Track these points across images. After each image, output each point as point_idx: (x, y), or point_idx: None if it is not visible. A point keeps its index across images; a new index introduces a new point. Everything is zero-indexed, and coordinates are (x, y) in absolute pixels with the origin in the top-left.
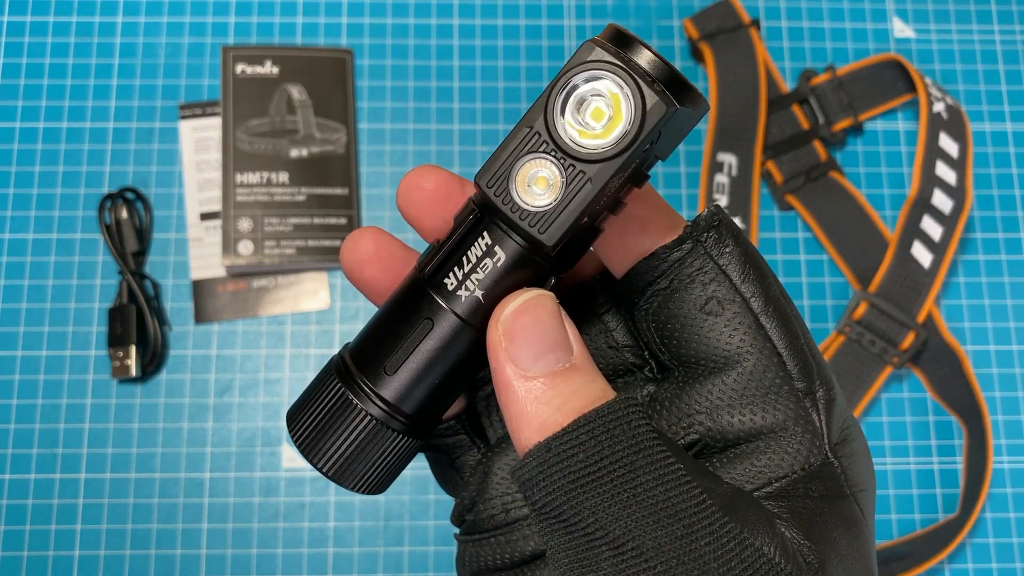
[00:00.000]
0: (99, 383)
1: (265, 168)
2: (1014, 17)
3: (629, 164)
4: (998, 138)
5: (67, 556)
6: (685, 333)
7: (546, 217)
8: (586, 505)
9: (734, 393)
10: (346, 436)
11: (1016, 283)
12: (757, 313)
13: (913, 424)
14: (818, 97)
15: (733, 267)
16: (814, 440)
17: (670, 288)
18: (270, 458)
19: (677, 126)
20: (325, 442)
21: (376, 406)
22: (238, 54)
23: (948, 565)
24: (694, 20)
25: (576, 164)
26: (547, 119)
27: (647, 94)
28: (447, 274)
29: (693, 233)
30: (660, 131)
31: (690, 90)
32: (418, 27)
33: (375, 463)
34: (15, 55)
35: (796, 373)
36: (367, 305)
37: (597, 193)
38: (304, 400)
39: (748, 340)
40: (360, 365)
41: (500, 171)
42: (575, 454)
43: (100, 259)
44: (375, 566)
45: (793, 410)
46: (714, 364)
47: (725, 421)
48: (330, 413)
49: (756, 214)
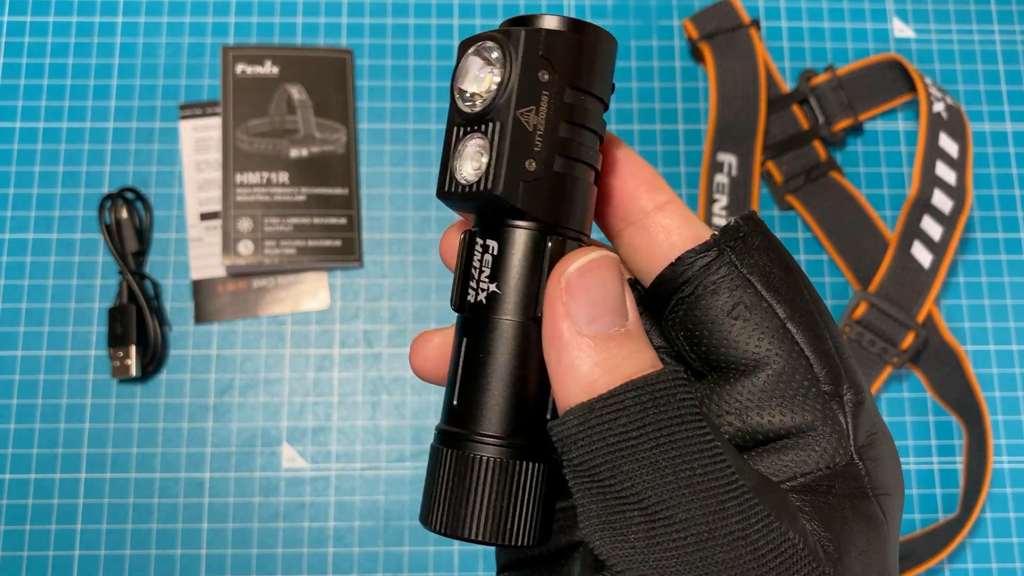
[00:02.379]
0: (99, 383)
1: (265, 168)
2: (1014, 17)
3: (531, 95)
4: (998, 138)
5: (67, 556)
6: (713, 338)
7: (487, 173)
8: (624, 469)
9: (763, 394)
10: (480, 492)
11: (1016, 283)
12: (783, 319)
13: (913, 424)
14: (818, 97)
15: (757, 274)
16: (840, 441)
17: (695, 295)
18: (270, 458)
19: (568, 51)
20: (463, 509)
21: (488, 445)
22: (238, 54)
23: (948, 565)
24: (694, 20)
25: (485, 120)
26: (454, 105)
27: (511, 32)
28: (467, 292)
29: (720, 240)
30: (546, 58)
31: (574, 21)
32: (418, 27)
33: (520, 503)
34: (15, 55)
35: (823, 376)
36: (367, 305)
37: (513, 129)
38: (427, 491)
39: (776, 344)
40: (454, 423)
41: (447, 173)
42: (618, 418)
43: (100, 259)
44: (375, 566)
45: (820, 411)
46: (743, 367)
47: (754, 421)
48: (455, 480)
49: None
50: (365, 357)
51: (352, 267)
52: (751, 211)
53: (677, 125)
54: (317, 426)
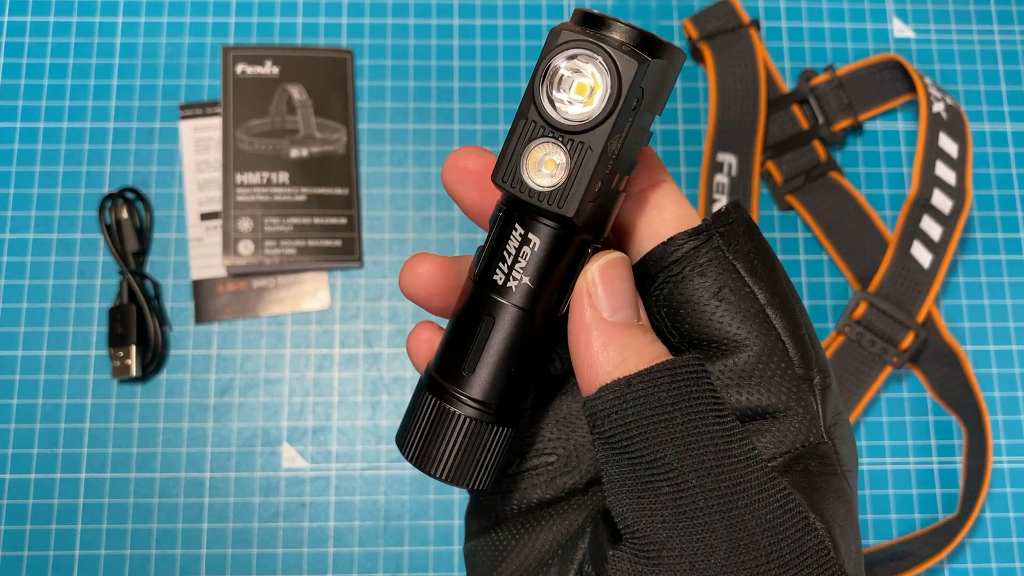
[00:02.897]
0: (99, 383)
1: (265, 168)
2: (1014, 17)
3: (622, 124)
4: (998, 138)
5: (67, 556)
6: (696, 317)
7: (562, 192)
8: (656, 441)
9: (742, 374)
10: (451, 441)
11: (1015, 283)
12: (763, 304)
13: (913, 424)
14: (818, 97)
15: (742, 261)
16: (812, 421)
17: (682, 275)
18: (270, 458)
19: (657, 80)
20: (435, 452)
21: (468, 406)
22: (238, 54)
23: (948, 565)
24: (694, 20)
25: (574, 137)
26: (537, 106)
27: (616, 56)
28: (495, 272)
29: (710, 226)
30: (641, 87)
31: (660, 44)
32: (418, 27)
33: (482, 458)
34: (15, 55)
35: (797, 360)
36: (367, 305)
37: (600, 158)
38: (406, 421)
39: (755, 327)
40: (444, 375)
41: (510, 165)
42: (653, 393)
43: (100, 259)
44: (375, 566)
45: (795, 393)
46: (723, 347)
47: (733, 399)
48: (431, 425)
49: (756, 214)
50: (365, 357)
51: (352, 267)
52: (736, 200)
53: (677, 125)
54: (317, 426)
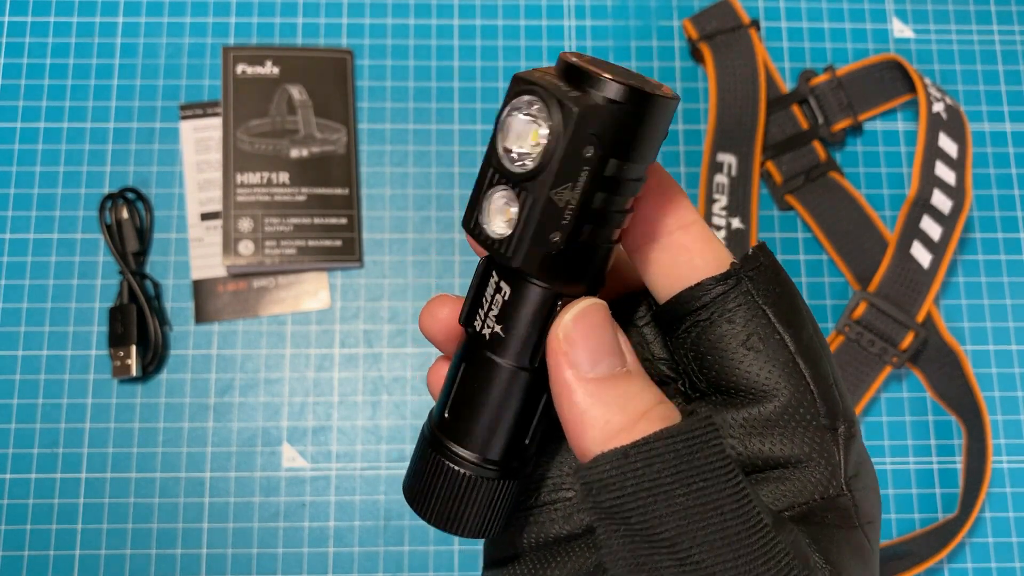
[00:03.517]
0: (99, 383)
1: (265, 168)
2: (1014, 17)
3: (571, 172)
4: (997, 138)
5: (68, 556)
6: (724, 364)
7: (510, 241)
8: (656, 514)
9: (768, 424)
10: (444, 492)
11: (1015, 283)
12: (793, 353)
13: (912, 424)
14: (817, 97)
15: (772, 307)
16: (833, 472)
17: (710, 320)
18: (270, 458)
19: (621, 126)
20: (431, 498)
21: (469, 463)
22: (238, 54)
23: (947, 564)
24: (694, 20)
25: (523, 185)
26: (491, 153)
27: (551, 103)
28: (475, 317)
29: (739, 270)
30: (594, 135)
31: (631, 90)
32: (418, 27)
33: (477, 509)
34: (16, 55)
35: (823, 411)
36: (367, 305)
37: (544, 206)
38: (417, 475)
39: (785, 377)
40: (442, 429)
41: (473, 212)
42: (653, 464)
43: (100, 259)
44: (375, 566)
45: (818, 444)
46: (750, 395)
47: (756, 447)
48: (429, 475)
49: (756, 214)
50: (365, 357)
51: (352, 267)
52: (762, 243)
53: (677, 125)
54: (317, 426)
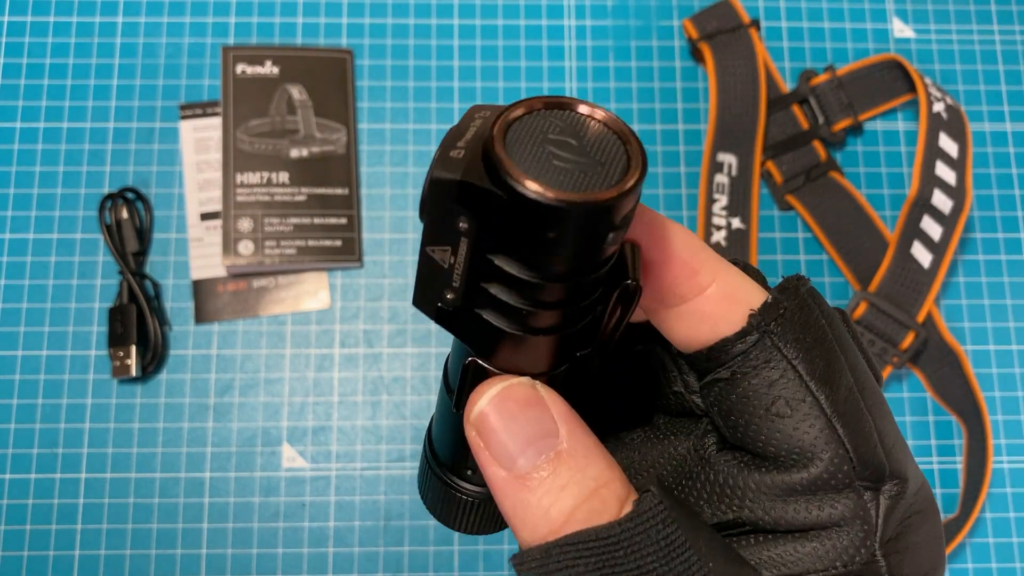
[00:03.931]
0: (99, 383)
1: (265, 168)
2: (1014, 17)
3: (443, 237)
4: (998, 138)
5: (67, 556)
6: (749, 428)
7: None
8: None
9: (799, 489)
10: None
11: (1016, 283)
12: (829, 415)
13: (913, 424)
14: (818, 97)
15: (802, 362)
16: (866, 539)
17: (732, 379)
18: (270, 458)
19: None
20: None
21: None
22: (238, 54)
23: (948, 565)
24: (694, 20)
25: None
26: None
27: (436, 160)
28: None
29: (760, 323)
30: (468, 209)
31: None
32: (418, 27)
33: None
34: (15, 55)
35: (865, 475)
36: (367, 305)
37: (423, 258)
38: (419, 476)
39: (819, 444)
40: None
41: None
42: (575, 566)
43: (100, 259)
44: (375, 566)
45: (853, 508)
46: (780, 461)
47: (779, 510)
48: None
49: (756, 214)
50: (365, 357)
51: (352, 267)
52: (796, 276)
53: (677, 125)
54: (317, 426)
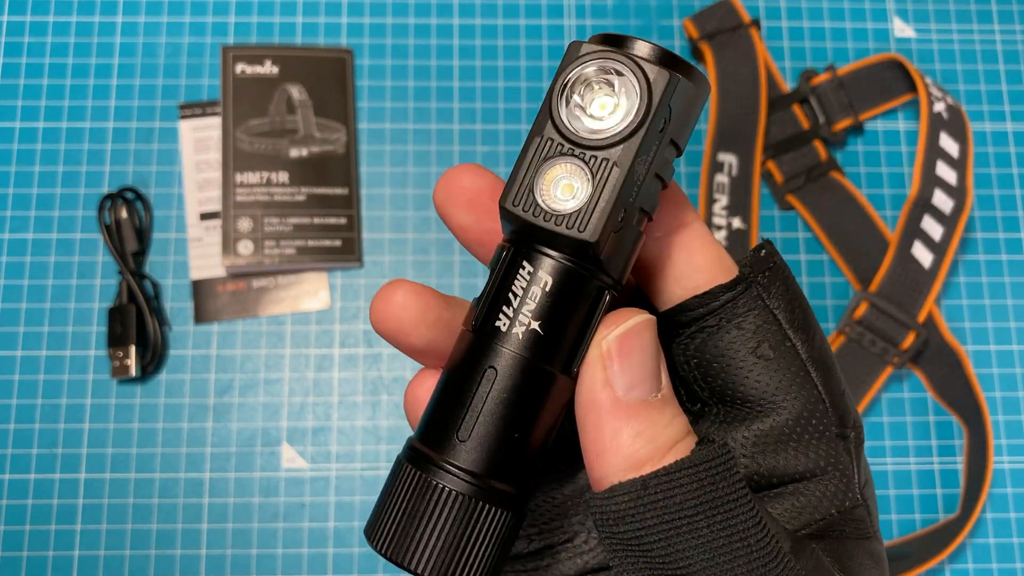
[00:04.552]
0: (99, 383)
1: (265, 168)
2: (1014, 17)
3: (649, 145)
4: (998, 138)
5: (67, 556)
6: (731, 375)
7: (582, 214)
8: (679, 549)
9: (780, 436)
10: (436, 524)
11: (1017, 283)
12: (804, 360)
13: (913, 424)
14: (818, 97)
15: (783, 311)
16: (848, 483)
17: (718, 326)
18: (270, 458)
19: (684, 104)
20: (414, 539)
21: (458, 479)
22: (238, 54)
23: (948, 565)
24: (694, 20)
25: (597, 153)
26: (555, 121)
27: (647, 68)
28: (497, 317)
29: (749, 275)
30: (670, 107)
31: (689, 66)
32: (418, 27)
33: (475, 548)
34: (15, 55)
35: (835, 419)
36: (367, 305)
37: (626, 176)
38: (379, 504)
39: (796, 386)
40: (430, 442)
41: (523, 187)
42: (674, 495)
43: (100, 259)
44: (375, 566)
45: (832, 455)
46: (760, 407)
47: (770, 463)
48: (411, 503)
49: (756, 214)
50: (365, 357)
51: (352, 267)
52: (768, 241)
53: None
54: (317, 426)
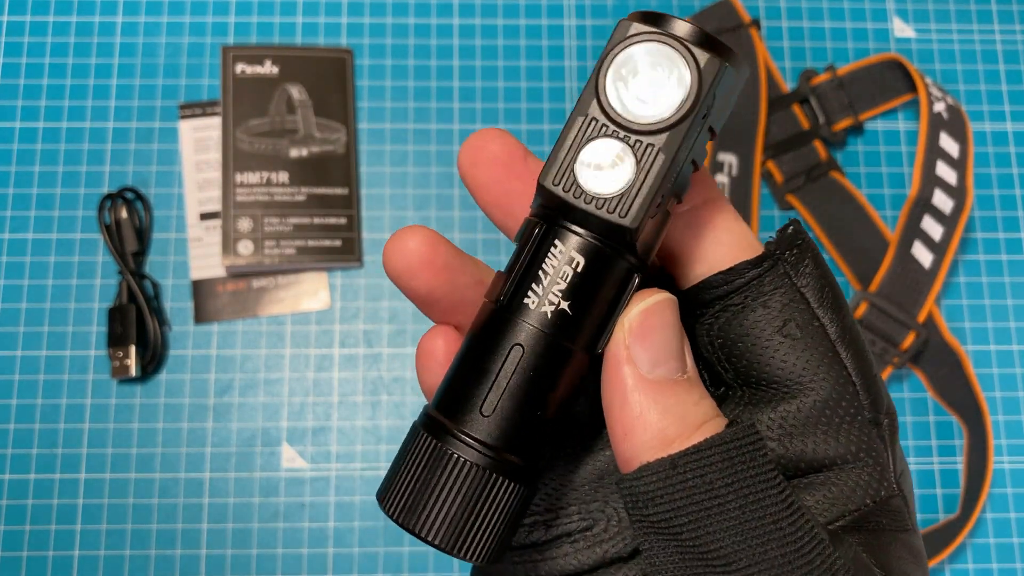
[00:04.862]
0: (99, 383)
1: (265, 168)
2: (1014, 17)
3: (694, 131)
4: (998, 138)
5: (67, 556)
6: (757, 354)
7: (623, 199)
8: (710, 530)
9: (808, 420)
10: (449, 494)
11: (1016, 283)
12: (834, 340)
13: (913, 424)
14: (818, 97)
15: (811, 290)
16: (883, 472)
17: (744, 304)
18: (270, 458)
19: (726, 91)
20: (426, 506)
21: (474, 450)
22: (238, 54)
23: (948, 565)
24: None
25: (643, 138)
26: (602, 101)
27: (698, 54)
28: (526, 294)
29: (776, 251)
30: (715, 94)
31: (732, 51)
32: (418, 27)
33: (486, 520)
34: (15, 55)
35: (867, 404)
36: (367, 305)
37: (671, 163)
38: (392, 470)
39: (824, 367)
40: (448, 413)
41: (564, 166)
42: (704, 475)
43: (100, 259)
44: (375, 566)
45: (864, 442)
46: (787, 389)
47: (798, 448)
48: (425, 471)
49: (756, 214)
50: (365, 357)
51: (352, 267)
52: (796, 220)
53: None
54: (317, 426)
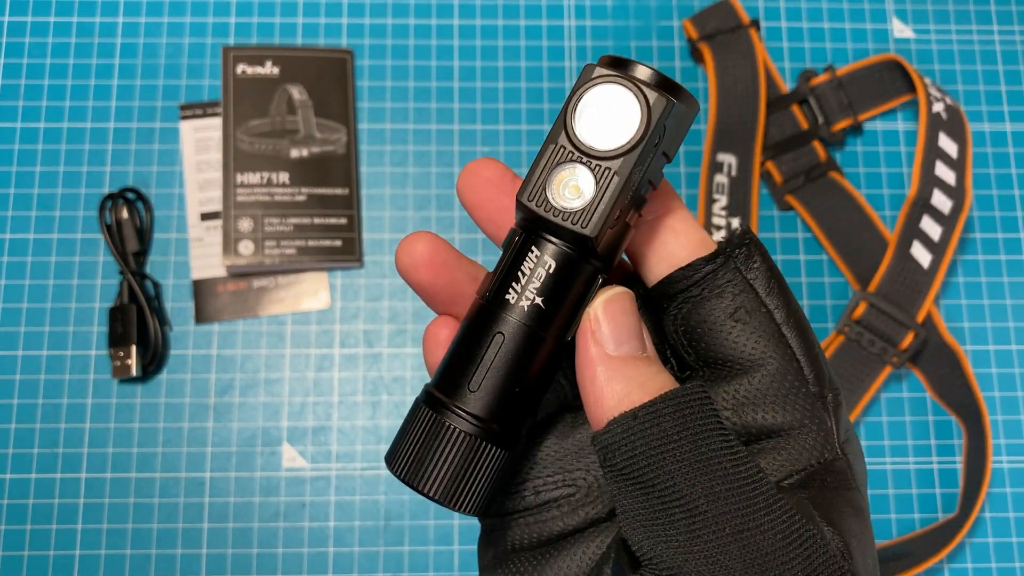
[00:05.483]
0: (100, 383)
1: (265, 168)
2: (1014, 17)
3: (645, 157)
4: (997, 138)
5: (68, 556)
6: (713, 337)
7: (585, 213)
8: (666, 470)
9: (758, 393)
10: (445, 457)
11: (1015, 283)
12: (779, 323)
13: (912, 424)
14: (818, 97)
15: (759, 281)
16: (827, 437)
17: (701, 296)
18: (270, 458)
19: (677, 123)
20: (427, 467)
21: (466, 421)
22: (239, 54)
23: (947, 565)
24: (694, 20)
25: (602, 163)
26: (568, 132)
27: (648, 93)
28: (507, 291)
29: (727, 249)
30: (664, 126)
31: (683, 90)
32: (418, 27)
33: (475, 478)
34: (16, 55)
35: (812, 378)
36: (367, 305)
37: (624, 183)
38: (399, 438)
39: (771, 346)
40: (444, 390)
41: (537, 185)
42: (659, 423)
43: (101, 259)
44: (375, 566)
45: (809, 410)
46: (739, 367)
47: (749, 417)
48: (425, 438)
49: (756, 214)
50: (365, 357)
51: (352, 267)
52: (746, 227)
53: None
54: (317, 426)
